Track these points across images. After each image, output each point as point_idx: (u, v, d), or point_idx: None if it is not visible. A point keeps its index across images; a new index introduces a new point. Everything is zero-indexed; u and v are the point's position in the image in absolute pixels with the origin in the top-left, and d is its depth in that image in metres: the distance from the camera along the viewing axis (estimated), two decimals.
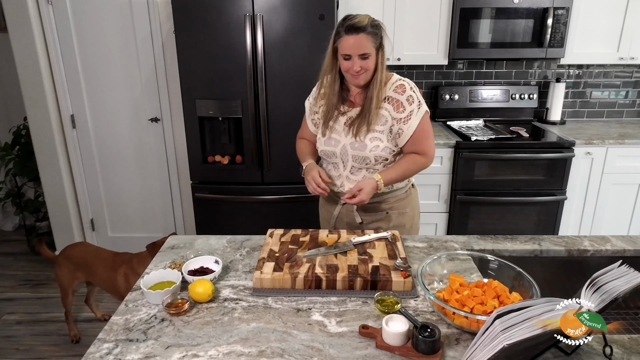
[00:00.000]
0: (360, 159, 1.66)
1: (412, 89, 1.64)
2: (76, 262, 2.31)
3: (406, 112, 1.62)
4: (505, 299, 1.14)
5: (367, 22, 1.52)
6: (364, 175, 1.68)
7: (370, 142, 1.63)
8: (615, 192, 2.95)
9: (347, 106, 1.69)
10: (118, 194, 3.26)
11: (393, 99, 1.63)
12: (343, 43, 1.54)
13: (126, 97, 3.04)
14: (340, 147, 1.68)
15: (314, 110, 1.78)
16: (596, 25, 2.92)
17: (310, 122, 1.81)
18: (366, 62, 1.55)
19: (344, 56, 1.55)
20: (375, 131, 1.63)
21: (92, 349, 1.07)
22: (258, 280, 1.29)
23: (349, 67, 1.56)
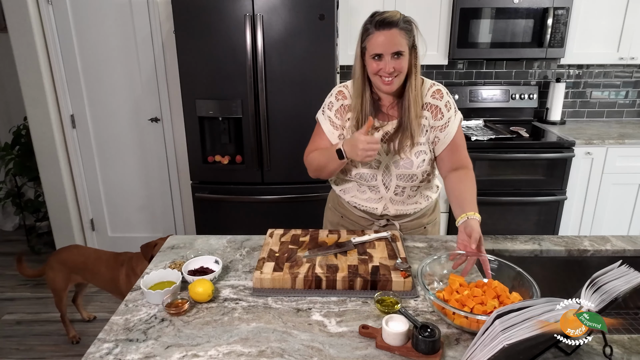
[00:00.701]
0: (406, 178, 1.50)
1: (448, 94, 1.51)
2: (72, 265, 2.32)
3: (444, 119, 1.48)
4: (505, 299, 1.13)
5: (399, 16, 1.38)
6: (408, 195, 1.55)
7: (416, 158, 1.48)
8: (615, 192, 2.95)
9: (380, 120, 1.50)
10: (118, 194, 3.26)
11: (432, 105, 1.48)
12: (373, 40, 1.36)
13: (126, 97, 3.04)
14: (382, 167, 1.51)
15: (339, 125, 1.53)
16: (596, 25, 2.92)
17: (337, 138, 1.54)
18: (399, 63, 1.37)
19: (374, 56, 1.37)
20: (419, 144, 1.47)
21: (92, 349, 1.07)
22: (258, 280, 1.28)
23: (380, 68, 1.37)
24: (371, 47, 1.37)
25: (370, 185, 1.56)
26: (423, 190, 1.61)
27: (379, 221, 1.63)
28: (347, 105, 1.53)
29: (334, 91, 1.57)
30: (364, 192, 1.59)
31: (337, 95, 1.55)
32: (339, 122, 1.54)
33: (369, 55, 1.39)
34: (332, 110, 1.55)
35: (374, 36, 1.36)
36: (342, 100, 1.54)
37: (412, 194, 1.57)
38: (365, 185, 1.57)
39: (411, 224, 1.63)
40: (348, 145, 1.39)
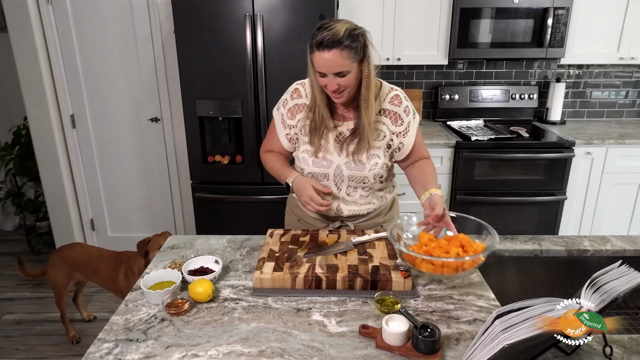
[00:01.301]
0: (357, 179, 1.51)
1: (406, 98, 1.53)
2: (74, 262, 2.32)
3: (404, 124, 1.50)
4: (469, 248, 1.22)
5: (343, 34, 1.30)
6: (360, 195, 1.56)
7: (368, 161, 1.49)
8: (615, 192, 2.95)
9: (335, 120, 1.50)
10: (118, 194, 3.26)
11: (390, 111, 1.49)
12: (316, 60, 1.34)
13: (126, 97, 3.04)
14: (333, 167, 1.50)
15: (289, 124, 1.54)
16: (596, 25, 2.92)
17: (284, 137, 1.56)
18: (343, 80, 1.35)
19: (319, 73, 1.37)
20: (374, 147, 1.49)
21: (92, 349, 1.07)
22: (258, 280, 1.28)
23: (326, 84, 1.37)
24: (315, 65, 1.36)
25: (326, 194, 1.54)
26: (377, 192, 1.60)
27: (333, 223, 1.62)
28: (300, 105, 1.52)
29: (290, 89, 1.56)
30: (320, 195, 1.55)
31: (292, 94, 1.54)
32: (290, 121, 1.54)
33: (315, 71, 1.37)
34: (285, 108, 1.55)
35: (315, 55, 1.34)
36: (296, 99, 1.53)
37: (364, 194, 1.57)
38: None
39: (366, 224, 1.63)
40: (298, 185, 1.48)
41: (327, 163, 1.51)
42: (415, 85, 3.36)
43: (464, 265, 1.20)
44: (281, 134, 1.57)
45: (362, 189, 1.55)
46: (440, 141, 2.83)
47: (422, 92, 3.35)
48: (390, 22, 2.93)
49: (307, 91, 1.52)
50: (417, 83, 3.37)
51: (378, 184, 1.57)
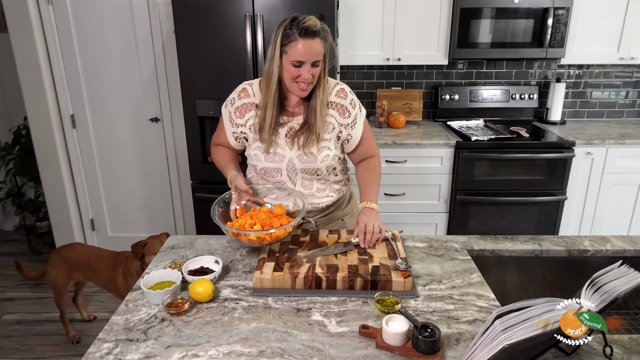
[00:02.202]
0: (310, 172, 1.54)
1: (351, 92, 1.57)
2: (74, 262, 2.32)
3: (352, 116, 1.54)
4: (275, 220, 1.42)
5: (319, 25, 1.39)
6: (317, 188, 1.58)
7: (319, 153, 1.51)
8: (616, 192, 2.95)
9: (285, 116, 1.53)
10: (118, 194, 3.26)
11: (337, 104, 1.52)
12: (296, 48, 1.36)
13: (126, 97, 3.04)
14: (286, 162, 1.53)
15: (237, 123, 1.56)
16: (596, 25, 2.92)
17: (231, 136, 1.60)
18: (316, 70, 1.42)
19: (295, 63, 1.38)
20: (324, 140, 1.52)
21: (92, 349, 1.07)
22: (258, 280, 1.29)
23: (299, 74, 1.40)
24: (293, 54, 1.38)
25: (276, 182, 1.58)
26: (332, 184, 1.63)
27: None
28: (248, 104, 1.54)
29: (238, 88, 1.58)
30: (273, 192, 1.60)
31: (240, 93, 1.56)
32: (238, 120, 1.56)
33: (289, 61, 1.39)
34: (233, 107, 1.57)
35: (297, 43, 1.37)
36: (244, 99, 1.55)
37: (321, 187, 1.59)
38: (272, 184, 1.59)
39: (326, 219, 1.65)
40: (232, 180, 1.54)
41: (279, 158, 1.53)
42: (416, 85, 3.36)
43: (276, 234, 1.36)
44: (228, 132, 1.61)
45: (317, 182, 1.59)
46: (440, 141, 2.83)
47: (422, 92, 3.35)
48: (390, 22, 2.93)
49: (254, 90, 1.55)
50: (417, 83, 3.37)
51: (333, 177, 1.61)
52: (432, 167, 2.89)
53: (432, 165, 2.89)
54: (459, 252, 1.49)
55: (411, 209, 2.98)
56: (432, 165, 2.89)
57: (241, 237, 1.37)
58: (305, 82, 1.42)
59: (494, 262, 1.53)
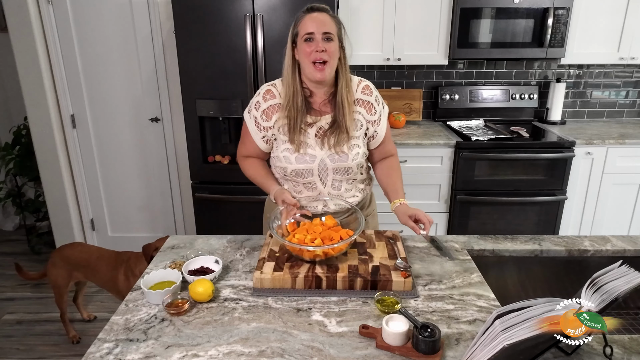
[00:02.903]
0: (342, 171, 1.54)
1: (375, 88, 1.59)
2: (75, 262, 2.32)
3: (377, 113, 1.56)
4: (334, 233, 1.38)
5: (328, 8, 1.45)
6: (345, 188, 1.58)
7: (350, 151, 1.52)
8: (616, 192, 2.94)
9: (313, 115, 1.51)
10: (118, 194, 3.26)
11: (363, 101, 1.54)
12: (304, 22, 1.41)
13: (126, 97, 3.04)
14: (317, 162, 1.51)
15: (264, 126, 1.54)
16: (596, 25, 2.92)
17: (261, 140, 1.57)
18: (330, 46, 1.41)
19: (306, 36, 1.40)
20: (354, 137, 1.53)
21: (92, 349, 1.07)
22: (258, 280, 1.29)
23: (312, 49, 1.40)
24: (302, 28, 1.42)
25: (307, 183, 1.55)
26: (358, 184, 1.64)
27: None
28: (275, 105, 1.52)
29: (261, 90, 1.55)
30: (301, 192, 1.58)
31: (264, 95, 1.54)
32: (265, 123, 1.54)
33: (301, 39, 1.42)
34: (258, 111, 1.54)
35: (305, 18, 1.42)
36: (270, 100, 1.53)
37: (348, 187, 1.60)
38: (302, 184, 1.57)
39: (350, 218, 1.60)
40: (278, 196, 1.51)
41: (310, 158, 1.52)
42: (416, 85, 3.36)
43: None
44: (257, 137, 1.57)
45: (346, 182, 1.58)
46: (440, 141, 2.83)
47: (422, 92, 3.35)
48: (391, 22, 2.92)
49: (279, 90, 1.53)
50: (417, 83, 3.37)
51: (359, 175, 1.61)
52: (432, 167, 2.89)
53: (432, 165, 2.89)
54: (459, 252, 1.49)
55: None
56: (432, 165, 2.89)
57: (304, 253, 1.32)
58: (320, 58, 1.40)
59: (494, 262, 1.53)
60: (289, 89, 1.47)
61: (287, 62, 1.47)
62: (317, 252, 1.30)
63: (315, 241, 1.33)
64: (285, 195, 1.49)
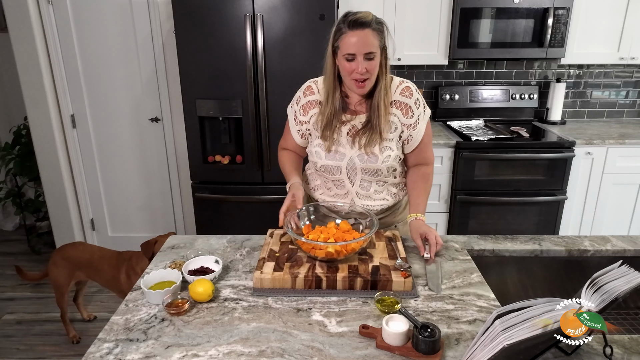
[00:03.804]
0: (371, 172, 1.53)
1: (417, 91, 1.54)
2: (77, 261, 2.32)
3: (415, 116, 1.51)
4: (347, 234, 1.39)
5: (371, 17, 1.38)
6: (374, 190, 1.58)
7: (381, 153, 1.50)
8: (616, 192, 2.94)
9: (349, 115, 1.52)
10: (118, 194, 3.26)
11: (401, 102, 1.50)
12: (346, 40, 1.37)
13: (126, 97, 3.04)
14: (346, 160, 1.53)
15: (301, 120, 1.59)
16: (596, 25, 2.92)
17: (296, 133, 1.62)
18: (371, 64, 1.39)
19: (347, 56, 1.38)
20: (386, 140, 1.50)
21: (92, 349, 1.07)
22: (258, 280, 1.29)
23: (353, 69, 1.39)
24: (344, 47, 1.38)
25: (336, 180, 1.57)
26: (390, 187, 1.62)
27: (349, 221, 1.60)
28: (313, 101, 1.55)
29: (303, 86, 1.60)
30: (330, 189, 1.61)
31: (305, 91, 1.58)
32: (303, 117, 1.58)
33: (342, 56, 1.40)
34: (298, 105, 1.59)
35: (347, 36, 1.37)
36: (309, 96, 1.56)
37: (378, 189, 1.58)
38: (331, 181, 1.59)
39: (381, 222, 1.62)
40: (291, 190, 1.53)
41: (339, 156, 1.53)
42: (416, 85, 3.35)
43: None
44: (293, 131, 1.62)
45: (376, 183, 1.57)
46: (440, 141, 2.83)
47: (423, 92, 3.35)
48: (391, 22, 2.92)
49: (319, 88, 1.55)
50: (417, 83, 3.33)
51: (392, 178, 1.59)
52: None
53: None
54: (459, 252, 1.49)
55: None
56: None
57: (316, 252, 1.32)
58: (360, 78, 1.40)
59: (494, 262, 1.53)
60: (328, 90, 1.48)
61: (327, 66, 1.46)
62: (330, 249, 1.30)
63: (328, 241, 1.33)
64: (297, 191, 1.51)
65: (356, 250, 1.35)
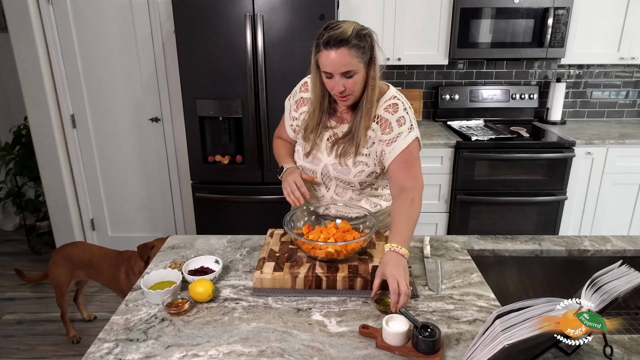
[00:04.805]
0: (344, 182, 1.51)
1: (406, 109, 1.45)
2: (77, 261, 2.32)
3: (393, 134, 1.41)
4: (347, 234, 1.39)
5: (351, 32, 1.28)
6: (350, 197, 1.54)
7: (354, 167, 1.46)
8: (616, 192, 2.94)
9: (334, 121, 1.50)
10: (118, 194, 3.26)
11: (382, 118, 1.43)
12: (322, 59, 1.31)
13: (126, 97, 3.04)
14: (322, 166, 1.51)
15: (293, 116, 1.58)
16: (597, 25, 2.92)
17: (289, 127, 1.62)
18: (350, 82, 1.33)
19: (326, 74, 1.34)
20: (361, 154, 1.45)
21: (92, 349, 1.07)
22: (258, 280, 1.28)
23: (332, 86, 1.35)
24: (321, 64, 1.33)
25: (314, 184, 1.57)
26: (370, 197, 1.57)
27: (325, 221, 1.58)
28: (306, 99, 1.54)
29: (302, 81, 1.59)
30: (309, 190, 1.56)
31: (302, 86, 1.57)
32: (294, 113, 1.58)
33: (322, 71, 1.35)
34: (293, 100, 1.59)
35: (323, 54, 1.31)
36: (303, 92, 1.55)
37: (356, 197, 1.56)
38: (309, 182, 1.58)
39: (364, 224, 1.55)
40: (288, 171, 1.53)
41: (316, 161, 1.52)
42: (416, 85, 3.36)
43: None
44: (287, 124, 1.63)
45: (352, 192, 1.55)
46: (440, 141, 2.83)
47: (422, 92, 3.35)
48: (391, 22, 2.92)
49: None
50: (417, 83, 3.37)
51: (370, 190, 1.55)
52: (432, 167, 2.89)
53: (432, 165, 2.88)
54: (459, 252, 1.49)
55: None
56: (432, 165, 2.88)
57: (316, 252, 1.31)
58: (340, 94, 1.36)
59: (494, 262, 1.53)
60: (315, 96, 1.45)
61: (312, 75, 1.41)
62: (330, 249, 1.30)
63: (328, 241, 1.34)
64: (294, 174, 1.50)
65: (356, 250, 1.35)
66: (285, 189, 1.48)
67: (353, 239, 1.33)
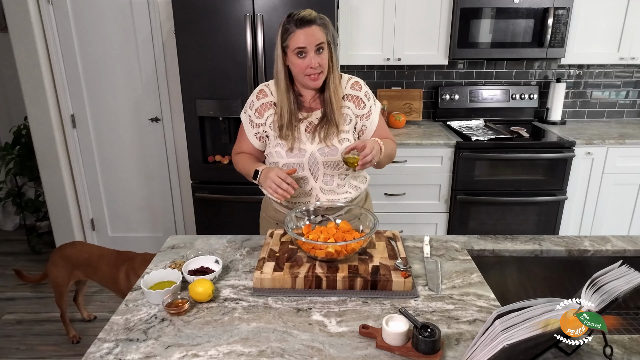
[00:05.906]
0: (332, 165, 1.57)
1: (365, 85, 1.63)
2: (76, 261, 2.32)
3: (367, 107, 1.60)
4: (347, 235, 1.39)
5: (315, 14, 1.46)
6: (337, 184, 1.61)
7: (340, 144, 1.55)
8: (616, 192, 2.94)
9: (304, 112, 1.58)
10: (118, 194, 3.26)
11: (352, 96, 1.59)
12: (296, 37, 1.44)
13: (126, 96, 3.04)
14: (307, 156, 1.56)
15: (257, 123, 1.61)
16: (597, 25, 2.92)
17: (254, 137, 1.63)
18: (322, 58, 1.46)
19: (298, 52, 1.45)
20: (343, 131, 1.57)
21: (92, 349, 1.07)
22: (258, 280, 1.29)
23: (306, 65, 1.45)
24: (294, 42, 1.44)
25: (298, 178, 1.59)
26: (351, 180, 1.65)
27: (315, 218, 1.59)
28: (267, 103, 1.59)
29: (255, 91, 1.63)
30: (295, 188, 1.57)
31: (258, 95, 1.61)
32: (258, 120, 1.61)
33: (293, 52, 1.45)
34: (252, 109, 1.62)
35: (295, 34, 1.44)
36: (262, 99, 1.60)
37: (341, 182, 1.62)
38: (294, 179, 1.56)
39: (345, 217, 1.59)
40: (266, 171, 1.50)
41: (301, 153, 1.56)
42: (416, 85, 3.36)
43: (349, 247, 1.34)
44: (250, 135, 1.64)
45: (338, 177, 1.61)
46: (440, 141, 2.83)
47: (422, 92, 3.35)
48: (391, 22, 2.92)
49: (271, 90, 1.60)
50: (417, 83, 3.37)
51: (352, 171, 1.62)
52: (432, 167, 2.89)
53: (432, 165, 2.89)
54: (459, 252, 1.49)
55: (411, 208, 2.98)
56: (432, 165, 2.89)
57: (316, 252, 1.32)
58: (313, 72, 1.47)
59: (494, 262, 1.53)
60: (282, 93, 1.53)
61: (278, 67, 1.52)
62: (330, 249, 1.30)
63: (329, 241, 1.34)
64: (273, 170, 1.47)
65: (356, 250, 1.35)
66: (269, 187, 1.46)
67: (353, 239, 1.33)
